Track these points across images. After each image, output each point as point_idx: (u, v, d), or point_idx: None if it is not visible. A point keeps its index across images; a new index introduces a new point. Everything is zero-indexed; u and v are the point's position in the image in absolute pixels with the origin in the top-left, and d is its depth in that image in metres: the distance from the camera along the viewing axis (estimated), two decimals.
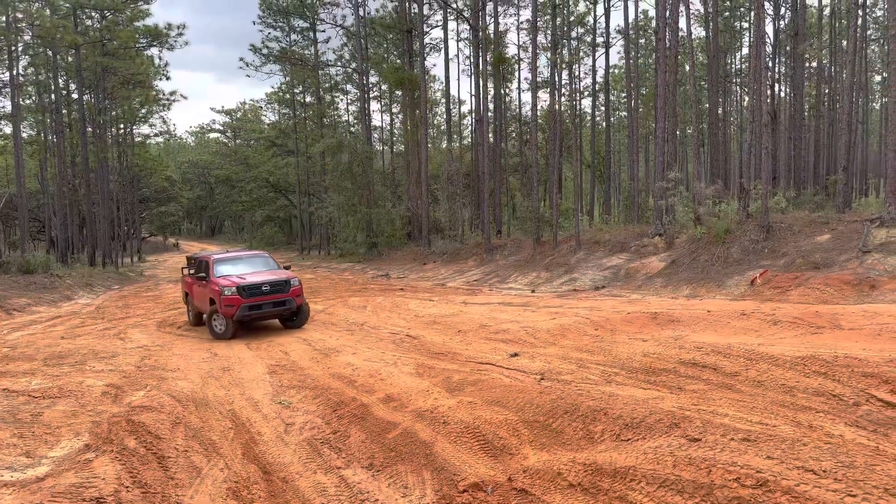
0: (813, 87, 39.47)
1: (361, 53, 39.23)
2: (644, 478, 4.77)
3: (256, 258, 16.78)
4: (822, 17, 39.15)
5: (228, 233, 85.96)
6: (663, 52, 24.31)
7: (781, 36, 39.29)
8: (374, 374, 9.64)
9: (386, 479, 6.20)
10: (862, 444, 5.03)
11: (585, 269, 23.21)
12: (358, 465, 6.61)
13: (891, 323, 9.54)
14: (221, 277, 14.96)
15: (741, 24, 42.28)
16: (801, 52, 26.82)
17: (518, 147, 45.38)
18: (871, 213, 18.89)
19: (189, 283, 17.10)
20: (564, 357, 9.91)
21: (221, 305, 14.18)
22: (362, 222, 34.71)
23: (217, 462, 6.76)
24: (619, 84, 50.85)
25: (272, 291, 14.65)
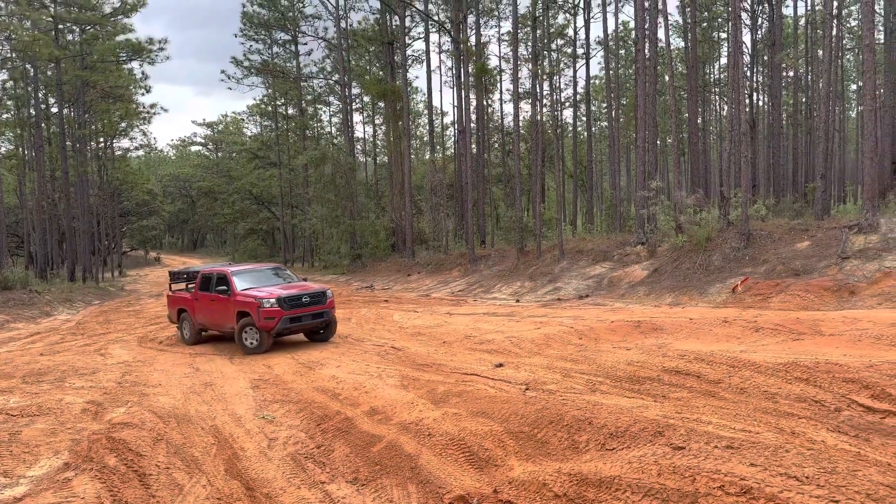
0: (790, 97, 40.08)
1: (343, 65, 39.27)
2: (629, 487, 4.77)
3: (273, 270, 16.17)
4: (798, 27, 39.79)
5: (211, 246, 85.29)
6: (642, 62, 24.57)
7: (759, 46, 39.88)
8: (358, 387, 9.58)
9: (371, 493, 6.15)
10: (844, 450, 5.07)
11: (569, 279, 23.29)
12: (342, 480, 6.55)
13: (870, 328, 9.65)
14: (253, 290, 14.34)
15: (719, 35, 42.87)
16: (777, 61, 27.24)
17: (501, 157, 45.57)
18: (849, 219, 19.17)
19: (188, 298, 16.23)
20: (549, 367, 9.92)
21: (260, 318, 13.58)
22: (346, 234, 34.62)
23: (199, 479, 6.67)
24: (600, 94, 51.31)
25: (311, 303, 14.20)
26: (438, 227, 34.18)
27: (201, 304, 15.64)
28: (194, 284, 16.30)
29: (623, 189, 36.34)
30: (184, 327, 16.57)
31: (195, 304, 15.90)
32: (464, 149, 32.95)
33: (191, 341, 16.15)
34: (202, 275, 15.97)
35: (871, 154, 17.95)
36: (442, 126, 53.82)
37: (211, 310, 15.31)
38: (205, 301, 15.49)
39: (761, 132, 42.03)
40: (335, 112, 51.87)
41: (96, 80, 37.13)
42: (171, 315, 17.28)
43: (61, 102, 37.20)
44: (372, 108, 48.63)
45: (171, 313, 17.25)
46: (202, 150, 78.53)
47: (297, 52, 44.84)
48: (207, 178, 63.48)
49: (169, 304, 17.50)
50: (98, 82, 37.45)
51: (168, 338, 17.56)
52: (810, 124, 35.61)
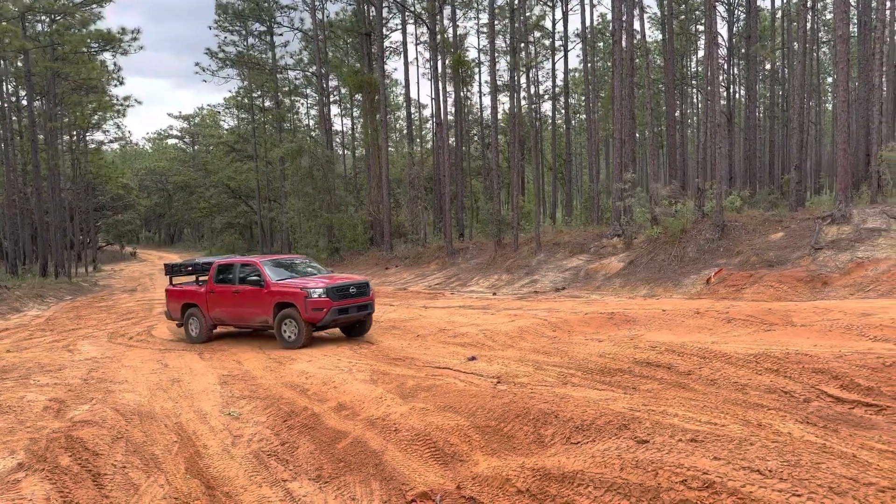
0: (767, 89, 40.36)
1: (320, 57, 38.85)
2: (591, 482, 4.67)
3: (301, 262, 15.29)
4: (775, 20, 40.05)
5: (188, 240, 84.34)
6: (619, 54, 24.53)
7: (736, 39, 40.11)
8: (327, 382, 9.42)
9: (333, 491, 6.01)
10: (809, 442, 5.01)
11: (546, 271, 23.27)
12: (305, 478, 6.40)
13: (841, 318, 9.67)
14: (292, 280, 13.61)
15: (696, 28, 43.00)
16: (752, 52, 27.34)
17: (481, 150, 45.46)
18: (822, 210, 19.30)
19: (197, 292, 14.98)
20: (522, 359, 9.85)
21: (307, 309, 12.72)
22: (324, 227, 34.32)
23: (157, 478, 6.48)
24: (578, 87, 51.36)
25: (357, 294, 13.46)
26: (417, 221, 34.01)
27: (219, 297, 14.46)
28: (207, 277, 15.11)
29: (602, 182, 36.40)
30: (191, 324, 15.20)
31: (209, 297, 14.65)
32: (441, 141, 32.78)
33: (201, 339, 14.89)
34: (219, 266, 14.83)
35: (845, 145, 18.06)
36: (420, 119, 53.59)
37: (234, 303, 14.20)
38: (224, 294, 14.35)
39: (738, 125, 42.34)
40: (312, 104, 51.42)
41: (67, 72, 36.36)
42: (173, 311, 15.73)
43: (31, 94, 36.41)
44: (350, 100, 48.24)
45: (173, 309, 15.70)
46: (179, 144, 77.50)
47: (273, 44, 44.31)
48: (184, 171, 62.64)
49: (170, 300, 15.86)
50: (69, 74, 36.68)
51: (139, 333, 17.24)
52: (787, 117, 35.91)
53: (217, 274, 14.74)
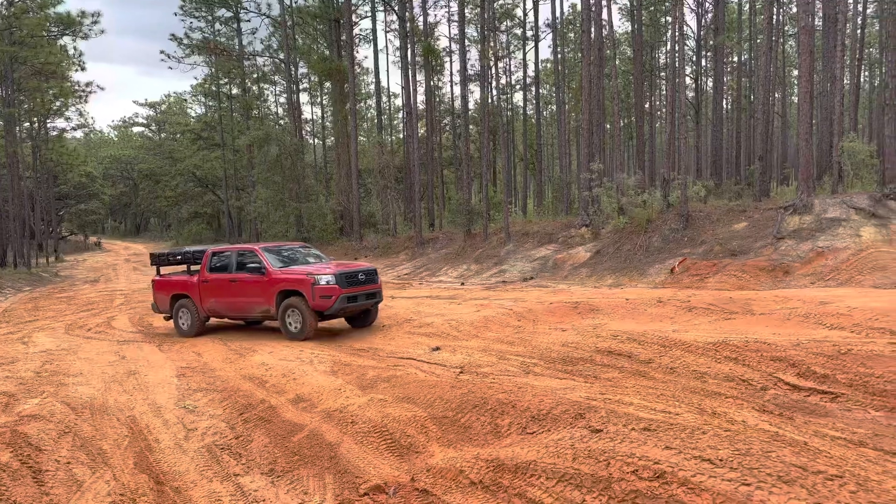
0: (735, 82, 40.79)
1: (288, 43, 38.27)
2: (544, 472, 4.61)
3: (301, 249, 14.45)
4: (742, 13, 40.43)
5: (154, 230, 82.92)
6: (588, 44, 24.52)
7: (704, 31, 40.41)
8: (287, 374, 9.25)
9: (285, 485, 5.87)
10: (762, 430, 5.01)
11: (515, 261, 23.27)
12: (258, 472, 6.25)
13: (800, 307, 9.77)
14: (296, 267, 12.84)
15: (666, 19, 43.23)
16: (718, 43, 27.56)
17: (452, 140, 45.31)
18: (785, 201, 19.55)
19: (189, 282, 14.14)
20: (486, 349, 9.79)
21: (315, 297, 11.95)
22: (292, 217, 33.90)
23: (103, 474, 6.28)
24: (549, 78, 51.36)
25: (366, 281, 12.77)
26: (387, 211, 33.77)
27: (214, 287, 13.61)
28: (199, 266, 14.16)
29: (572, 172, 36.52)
30: (181, 316, 14.35)
31: (203, 287, 13.80)
32: (411, 131, 32.56)
33: (193, 332, 14.06)
34: (213, 254, 13.94)
35: (807, 136, 18.29)
36: (391, 108, 53.24)
37: (231, 293, 13.36)
38: (220, 284, 13.50)
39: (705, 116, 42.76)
40: (281, 92, 50.73)
41: (26, 56, 35.28)
42: (160, 303, 14.81)
43: None
44: (319, 88, 47.68)
45: (161, 301, 14.78)
46: (144, 132, 75.96)
47: (241, 30, 43.53)
48: (150, 160, 61.39)
49: (158, 291, 14.89)
50: (28, 58, 35.59)
51: (98, 325, 16.84)
52: (753, 109, 36.32)
53: (211, 262, 13.85)
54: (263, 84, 49.24)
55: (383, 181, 33.22)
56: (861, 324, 8.01)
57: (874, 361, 6.42)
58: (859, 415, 5.67)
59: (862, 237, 15.80)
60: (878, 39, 41.99)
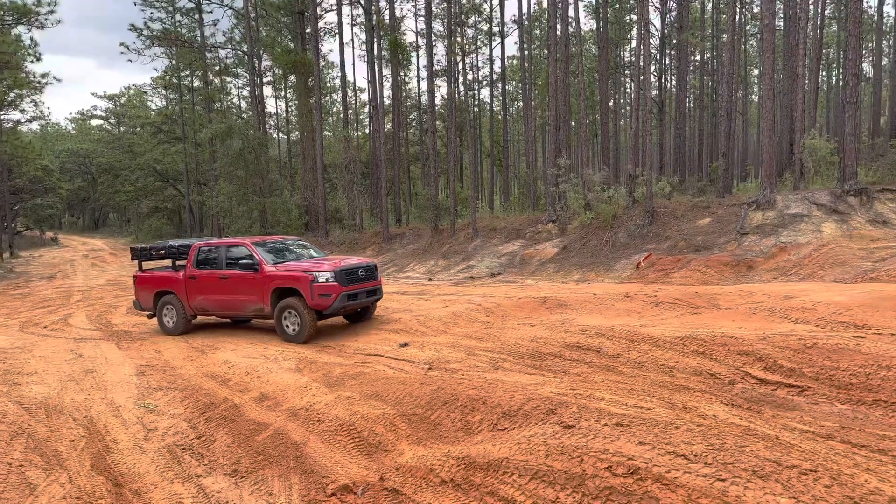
0: (697, 80, 41.38)
1: (251, 36, 37.60)
2: (516, 470, 4.52)
3: (294, 243, 13.71)
4: (705, 11, 41.01)
5: (113, 225, 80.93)
6: (554, 40, 24.56)
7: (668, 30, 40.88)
8: (251, 372, 9.02)
9: (250, 486, 5.69)
10: (734, 424, 4.99)
11: (482, 257, 23.22)
12: (220, 473, 6.06)
13: (765, 301, 9.88)
14: (291, 264, 12.09)
15: (630, 17, 43.62)
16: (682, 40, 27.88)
17: (419, 136, 45.10)
18: (748, 196, 19.85)
19: (174, 279, 13.35)
20: (454, 345, 9.69)
21: (314, 295, 11.27)
22: (256, 212, 33.34)
23: (59, 476, 6.02)
24: (516, 75, 51.46)
25: (367, 278, 12.20)
26: (353, 206, 33.41)
27: (202, 284, 12.86)
28: (185, 261, 13.42)
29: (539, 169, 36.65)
30: (166, 314, 13.58)
31: (190, 284, 13.05)
32: (377, 125, 32.26)
33: (178, 330, 13.35)
34: (200, 249, 13.14)
35: (770, 133, 18.58)
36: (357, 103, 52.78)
37: (221, 291, 12.60)
38: (209, 281, 12.74)
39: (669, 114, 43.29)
40: (244, 85, 49.84)
41: None
42: (143, 301, 14.02)
43: None
44: (284, 81, 47.00)
45: (144, 299, 13.98)
46: (103, 125, 73.94)
47: (202, 21, 42.58)
48: (109, 153, 59.76)
49: (140, 288, 14.07)
50: None
51: (54, 322, 16.30)
52: (715, 106, 36.89)
53: (198, 258, 13.06)
54: (226, 77, 48.32)
55: (349, 176, 32.85)
56: (825, 318, 8.10)
57: (839, 355, 6.48)
58: (826, 408, 5.71)
59: (823, 233, 16.10)
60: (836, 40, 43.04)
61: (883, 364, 6.07)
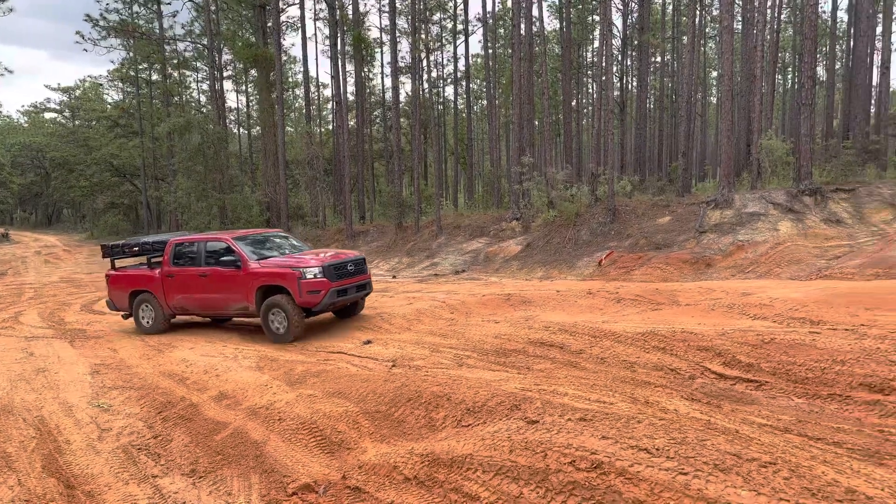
0: (658, 81, 42.05)
1: (211, 28, 36.92)
2: (480, 466, 4.50)
3: (276, 236, 13.00)
4: (665, 13, 41.68)
5: (67, 221, 78.74)
6: (518, 39, 24.65)
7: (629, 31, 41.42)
8: (209, 370, 8.83)
9: (208, 486, 5.56)
10: (695, 419, 5.05)
11: (446, 254, 23.20)
12: (178, 473, 5.90)
13: (723, 298, 10.05)
14: (279, 258, 11.52)
15: (593, 18, 44.08)
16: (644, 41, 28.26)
17: (383, 133, 44.86)
18: (707, 196, 20.22)
19: (151, 277, 12.70)
20: (418, 342, 9.64)
21: (302, 293, 10.72)
22: (215, 208, 32.75)
23: (7, 478, 5.80)
24: (481, 73, 51.59)
25: (355, 272, 11.65)
26: (316, 202, 33.06)
27: (180, 282, 12.22)
28: (161, 258, 12.79)
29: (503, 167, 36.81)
30: (143, 314, 12.92)
31: (167, 282, 12.41)
32: (341, 121, 31.98)
33: (156, 329, 12.72)
34: (177, 245, 12.45)
35: (728, 133, 18.94)
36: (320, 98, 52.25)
37: (201, 289, 11.96)
38: (188, 278, 12.09)
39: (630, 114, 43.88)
40: (204, 78, 48.95)
41: None
42: (117, 300, 13.34)
43: None
44: (245, 75, 46.28)
45: (118, 298, 13.28)
46: (58, 118, 71.83)
47: (161, 13, 41.66)
48: (63, 147, 58.09)
49: (114, 287, 13.35)
50: None
51: (4, 320, 15.74)
52: (675, 107, 37.53)
53: (175, 254, 12.40)
54: (185, 70, 47.37)
55: (312, 172, 32.49)
56: (782, 314, 8.27)
57: (796, 350, 6.61)
58: (783, 402, 5.81)
59: (779, 231, 16.48)
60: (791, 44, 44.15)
61: (837, 359, 6.21)
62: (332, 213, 35.18)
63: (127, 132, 50.02)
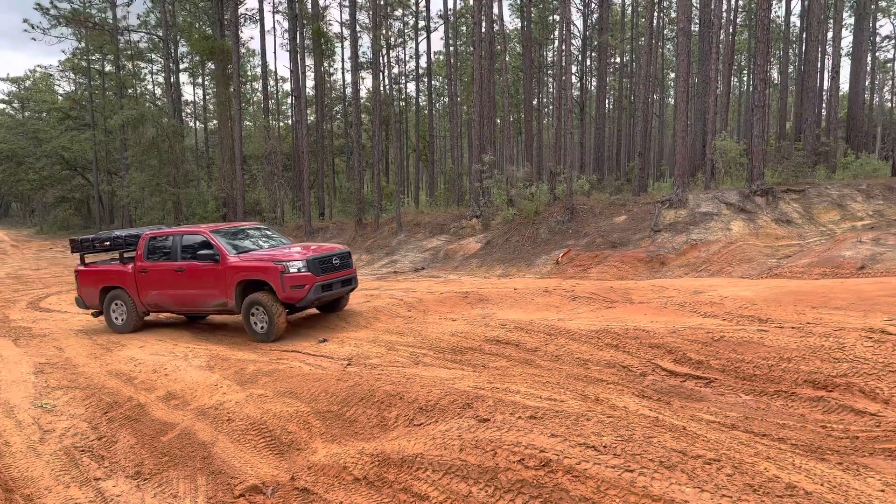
0: (617, 82, 42.61)
1: (167, 20, 36.11)
2: (430, 465, 4.46)
3: (254, 229, 12.46)
4: (625, 15, 42.22)
5: (15, 216, 76.31)
6: (479, 37, 24.69)
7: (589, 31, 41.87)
8: (158, 370, 8.61)
9: (152, 488, 5.41)
10: (643, 416, 5.10)
11: (406, 252, 23.13)
12: (122, 475, 5.74)
13: (675, 296, 10.20)
14: (259, 252, 10.99)
15: (554, 18, 44.42)
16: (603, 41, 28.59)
17: (344, 129, 44.50)
18: (662, 195, 20.55)
19: (123, 272, 12.05)
20: (375, 340, 9.56)
21: (285, 288, 10.19)
22: (170, 203, 32.06)
23: None
24: (442, 70, 51.57)
25: (341, 266, 11.14)
26: (274, 198, 32.61)
27: (155, 278, 11.60)
28: (134, 253, 12.16)
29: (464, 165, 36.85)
30: (114, 311, 12.30)
31: (141, 278, 11.78)
32: (300, 116, 31.60)
33: (129, 328, 12.09)
34: (151, 238, 11.84)
35: (683, 133, 19.27)
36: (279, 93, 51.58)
37: (177, 285, 11.36)
38: (162, 274, 11.48)
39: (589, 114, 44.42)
40: (159, 70, 47.85)
41: None
42: (87, 297, 12.68)
43: None
44: (201, 68, 45.40)
45: (88, 295, 12.63)
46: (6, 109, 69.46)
47: (115, 2, 40.54)
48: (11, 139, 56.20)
49: (83, 283, 12.69)
50: None
51: None
52: (634, 108, 38.05)
53: (149, 248, 11.79)
54: (140, 62, 46.30)
55: (270, 167, 32.03)
56: (732, 312, 8.43)
57: (744, 347, 6.74)
58: (731, 399, 5.91)
59: (732, 230, 16.84)
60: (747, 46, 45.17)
61: (784, 356, 6.34)
62: (291, 210, 34.77)
63: (79, 124, 48.67)
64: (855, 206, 17.52)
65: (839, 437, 4.90)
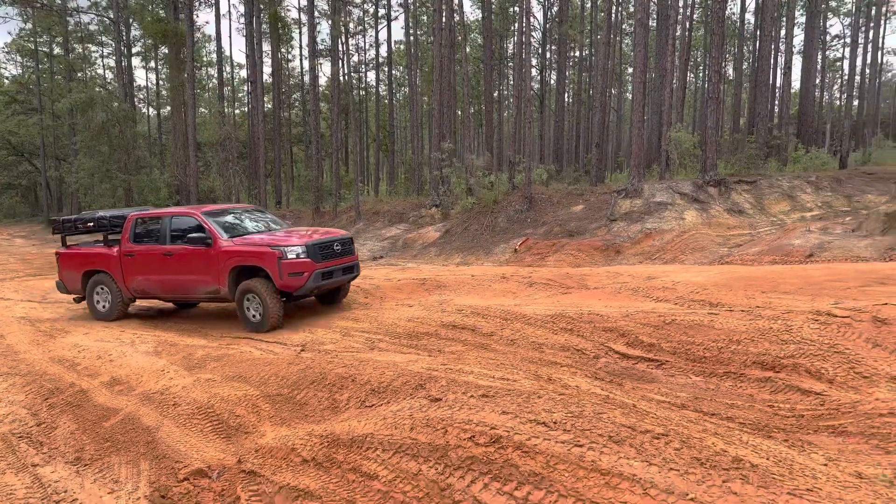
0: (576, 75, 42.93)
1: (119, 2, 35.03)
2: (381, 445, 4.39)
3: (249, 211, 11.70)
4: (585, 8, 42.56)
5: None
6: (439, 26, 24.57)
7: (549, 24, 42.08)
8: (102, 356, 8.34)
9: (93, 474, 5.22)
10: (594, 394, 5.11)
11: (365, 240, 22.95)
12: (61, 461, 5.53)
13: (629, 282, 10.31)
14: (255, 236, 10.31)
15: (514, 10, 44.48)
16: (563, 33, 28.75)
17: (303, 117, 43.89)
18: (618, 185, 20.79)
19: (108, 255, 11.30)
20: (329, 326, 9.44)
21: (283, 275, 9.53)
22: (121, 190, 31.19)
23: None
24: (403, 60, 51.23)
25: (342, 253, 10.47)
26: (229, 186, 31.99)
27: (141, 262, 10.87)
28: (120, 235, 11.35)
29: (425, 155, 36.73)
30: (98, 297, 11.56)
31: (127, 262, 11.06)
32: (256, 103, 31.04)
33: (113, 315, 11.33)
34: (137, 220, 11.11)
35: (640, 124, 19.51)
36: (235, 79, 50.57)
37: (166, 270, 10.63)
38: (150, 258, 10.74)
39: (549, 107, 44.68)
40: (110, 54, 46.43)
41: None
42: (69, 282, 11.92)
43: None
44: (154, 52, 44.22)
45: (70, 279, 11.88)
46: None
47: None
48: None
49: (64, 267, 11.95)
50: None
51: None
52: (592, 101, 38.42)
53: (136, 231, 11.06)
54: (90, 45, 44.85)
55: (224, 154, 31.39)
56: (684, 297, 8.54)
57: (695, 331, 6.83)
58: (682, 380, 5.98)
59: (685, 220, 17.13)
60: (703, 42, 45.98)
61: (733, 339, 6.44)
62: (247, 198, 34.19)
63: (26, 108, 46.99)
64: (805, 198, 17.99)
65: (786, 416, 4.98)
